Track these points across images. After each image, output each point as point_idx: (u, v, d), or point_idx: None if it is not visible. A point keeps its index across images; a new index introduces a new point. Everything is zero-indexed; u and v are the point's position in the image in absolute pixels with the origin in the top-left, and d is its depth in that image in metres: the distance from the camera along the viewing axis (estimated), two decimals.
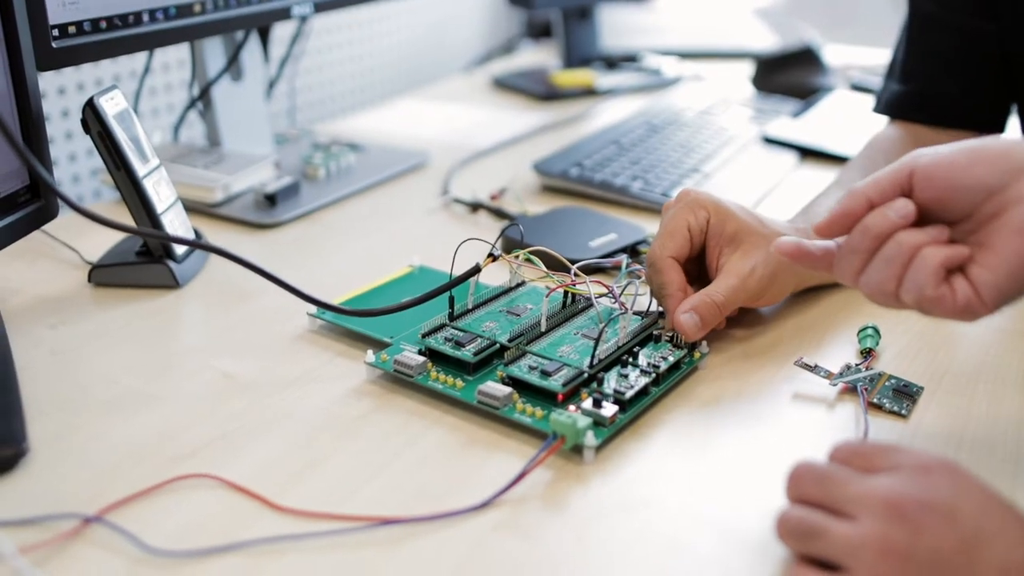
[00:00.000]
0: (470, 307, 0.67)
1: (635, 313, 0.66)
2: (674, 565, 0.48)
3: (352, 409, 0.61)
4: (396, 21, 1.62)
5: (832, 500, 0.46)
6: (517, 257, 0.67)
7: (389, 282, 0.76)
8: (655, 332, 0.65)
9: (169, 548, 0.48)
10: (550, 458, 0.55)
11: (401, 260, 0.80)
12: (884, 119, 0.94)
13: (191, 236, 0.81)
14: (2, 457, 0.53)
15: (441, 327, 0.64)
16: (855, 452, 0.48)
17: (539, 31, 1.81)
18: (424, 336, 0.63)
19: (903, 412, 0.59)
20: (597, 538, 0.50)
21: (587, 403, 0.56)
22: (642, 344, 0.63)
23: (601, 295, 0.66)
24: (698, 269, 0.70)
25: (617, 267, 0.75)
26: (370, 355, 0.63)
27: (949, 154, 0.54)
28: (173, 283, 0.77)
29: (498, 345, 0.62)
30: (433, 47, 1.72)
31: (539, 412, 0.57)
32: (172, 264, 0.77)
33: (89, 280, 0.78)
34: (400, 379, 0.62)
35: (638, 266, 0.71)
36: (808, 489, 0.47)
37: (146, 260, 0.77)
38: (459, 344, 0.62)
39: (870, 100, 0.98)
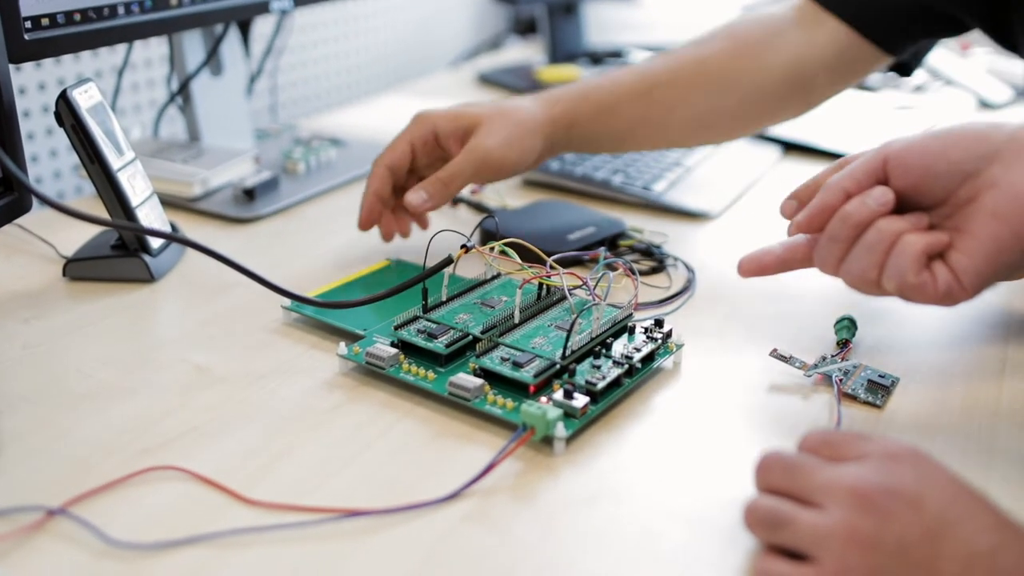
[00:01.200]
0: (444, 299, 0.67)
1: (609, 305, 0.66)
2: (643, 556, 0.48)
3: (324, 402, 0.60)
4: (383, 17, 1.61)
5: (800, 489, 0.46)
6: (492, 249, 0.67)
7: (365, 275, 0.75)
8: (630, 324, 0.64)
9: (134, 540, 0.47)
10: (521, 450, 0.55)
11: (379, 255, 0.80)
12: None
13: (167, 230, 0.80)
14: None
15: (414, 319, 0.64)
16: (824, 441, 0.47)
17: (525, 27, 1.81)
18: (397, 328, 0.63)
19: (877, 403, 0.59)
20: (567, 529, 0.50)
21: (558, 394, 0.56)
22: (616, 336, 0.63)
23: (575, 287, 0.66)
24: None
25: (595, 260, 0.75)
26: (342, 347, 0.63)
27: (923, 140, 0.54)
28: (148, 277, 0.76)
29: (471, 337, 0.62)
30: (419, 43, 1.71)
31: (510, 403, 0.56)
32: (147, 258, 0.76)
33: (64, 274, 0.77)
34: (372, 371, 0.62)
35: (615, 258, 0.71)
36: (776, 479, 0.47)
37: (121, 254, 0.77)
38: (432, 336, 0.61)
39: (852, 94, 0.97)
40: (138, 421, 0.58)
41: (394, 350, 0.61)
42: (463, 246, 0.65)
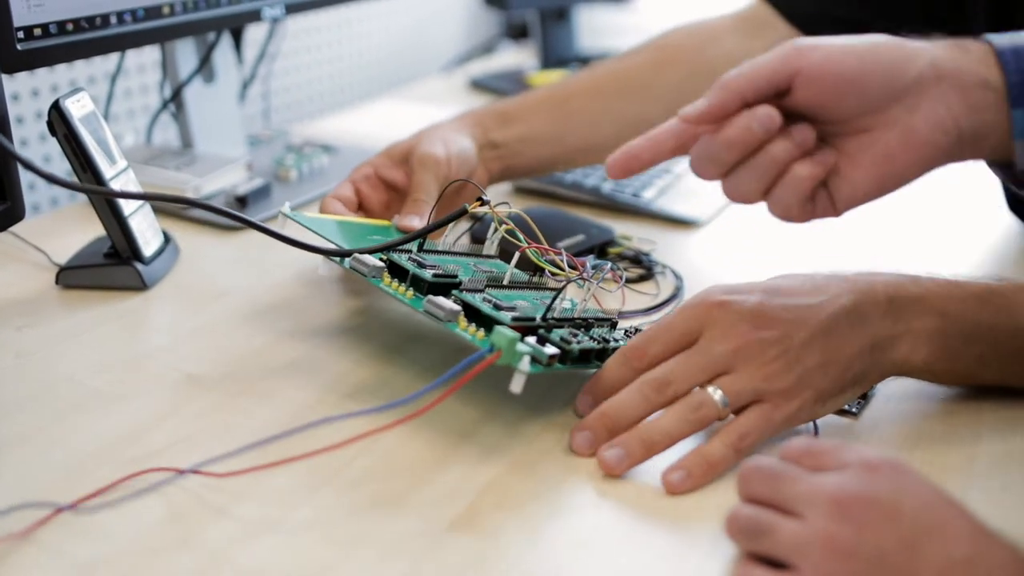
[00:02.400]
0: (441, 248, 0.67)
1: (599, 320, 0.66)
2: (628, 563, 0.49)
3: (314, 413, 0.61)
4: (375, 22, 1.62)
5: (780, 499, 0.46)
6: (502, 224, 0.65)
7: (366, 224, 0.75)
8: (615, 322, 0.65)
9: (124, 547, 0.48)
10: (507, 458, 0.55)
11: None
12: None
13: (160, 239, 0.81)
14: None
15: (407, 251, 0.64)
16: (804, 451, 0.48)
17: (518, 31, 1.81)
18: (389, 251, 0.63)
19: (854, 410, 0.60)
20: (550, 536, 0.50)
21: (532, 339, 0.56)
22: (599, 324, 0.63)
23: (571, 276, 0.64)
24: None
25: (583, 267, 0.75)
26: (323, 266, 0.63)
27: (840, 60, 0.53)
28: (140, 285, 0.77)
29: (458, 280, 0.62)
30: (412, 47, 1.72)
31: (481, 334, 0.56)
32: (139, 266, 0.77)
33: (57, 282, 0.78)
34: (355, 275, 0.62)
35: (604, 261, 0.72)
36: (757, 488, 0.48)
37: (114, 262, 0.77)
38: (421, 264, 0.62)
39: None
40: (130, 430, 0.59)
41: (380, 263, 0.61)
42: (479, 199, 0.64)
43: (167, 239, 0.83)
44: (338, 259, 0.63)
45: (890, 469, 0.46)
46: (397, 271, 0.62)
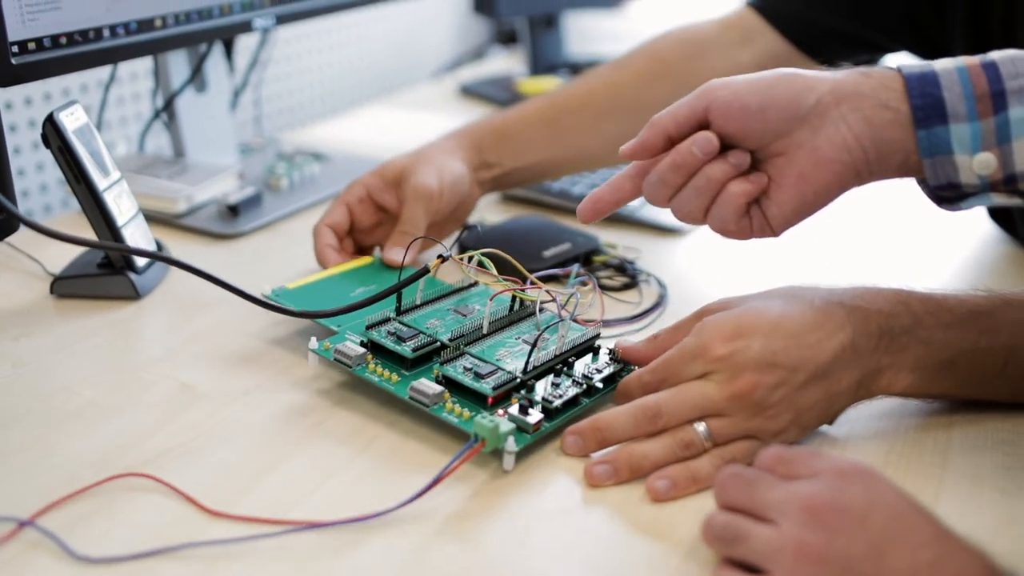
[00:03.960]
0: (419, 303, 0.69)
1: (582, 321, 0.68)
2: (610, 566, 0.50)
3: (305, 418, 0.63)
4: (366, 28, 1.63)
5: (755, 506, 0.48)
6: (470, 259, 0.68)
7: (349, 269, 0.78)
8: (596, 345, 0.66)
9: (107, 554, 0.49)
10: (495, 464, 0.57)
11: None
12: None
13: (152, 248, 0.82)
14: None
15: (386, 320, 0.66)
16: (778, 459, 0.50)
17: (508, 37, 1.83)
18: (368, 328, 0.65)
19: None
20: (536, 541, 0.52)
21: (514, 408, 0.58)
22: (580, 355, 0.65)
23: (546, 302, 0.68)
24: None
25: (568, 276, 0.77)
26: (314, 342, 0.65)
27: (744, 94, 0.58)
28: (134, 294, 0.78)
29: (438, 343, 0.64)
30: (403, 53, 1.73)
31: (467, 413, 0.58)
32: (133, 276, 0.78)
33: (51, 292, 0.79)
34: (349, 384, 0.64)
35: (588, 275, 0.74)
36: (733, 495, 0.49)
37: (107, 272, 0.79)
38: (401, 339, 0.64)
39: None
40: (125, 438, 0.60)
41: (362, 349, 0.63)
42: (440, 256, 0.67)
43: (159, 248, 0.84)
44: (322, 351, 0.64)
45: (861, 477, 0.48)
46: (380, 347, 0.64)
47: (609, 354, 0.66)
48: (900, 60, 0.62)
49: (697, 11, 1.05)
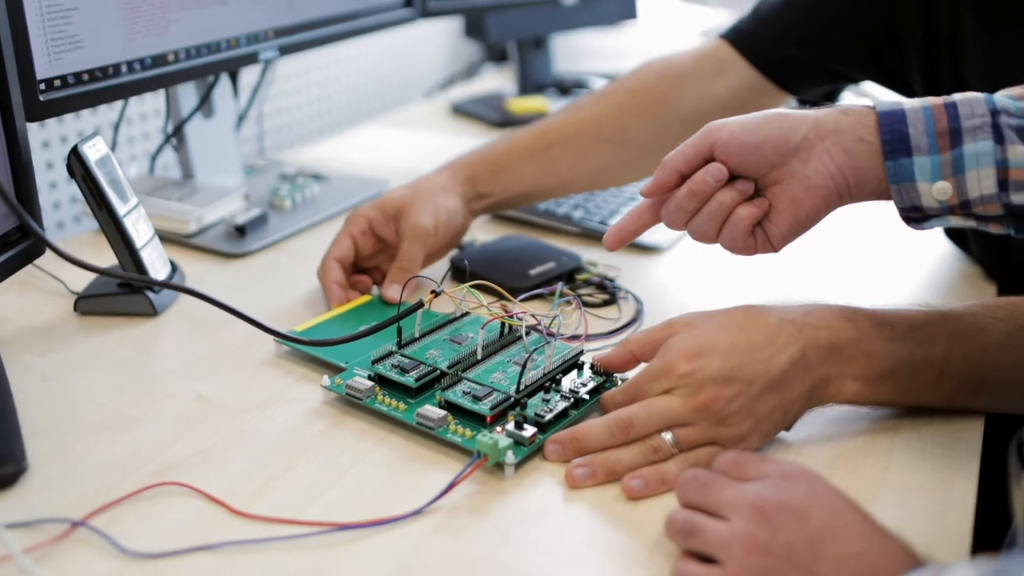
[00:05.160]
0: (417, 335, 0.75)
1: (566, 339, 0.75)
2: (586, 559, 0.57)
3: (312, 428, 0.69)
4: (361, 46, 1.70)
5: (710, 504, 0.55)
6: (461, 290, 0.75)
7: (349, 309, 0.84)
8: (580, 361, 0.73)
9: (149, 550, 0.56)
10: (481, 471, 0.64)
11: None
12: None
13: (167, 268, 0.89)
14: (5, 475, 0.61)
15: (390, 354, 0.73)
16: (732, 463, 0.57)
17: (500, 54, 1.90)
18: (374, 362, 0.72)
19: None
20: (520, 538, 0.59)
21: (511, 425, 0.65)
22: (567, 371, 0.72)
23: (532, 326, 0.75)
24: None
25: (553, 294, 0.84)
26: (326, 379, 0.71)
27: (742, 133, 0.67)
28: (151, 311, 0.85)
29: (438, 372, 0.71)
30: (397, 72, 1.80)
31: (468, 433, 0.65)
32: (150, 294, 0.85)
33: (75, 309, 0.85)
34: (351, 401, 0.71)
35: (571, 295, 0.81)
36: (692, 494, 0.56)
37: (127, 291, 0.85)
38: (404, 370, 0.70)
39: None
40: (149, 446, 0.67)
41: (370, 383, 0.70)
42: (433, 291, 0.74)
43: (174, 268, 0.91)
44: (334, 387, 0.71)
45: (803, 478, 0.54)
46: (385, 378, 0.71)
47: (592, 368, 0.72)
48: (865, 89, 0.69)
49: (685, 27, 1.11)
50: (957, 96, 0.63)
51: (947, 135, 0.62)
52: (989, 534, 0.64)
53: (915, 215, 0.65)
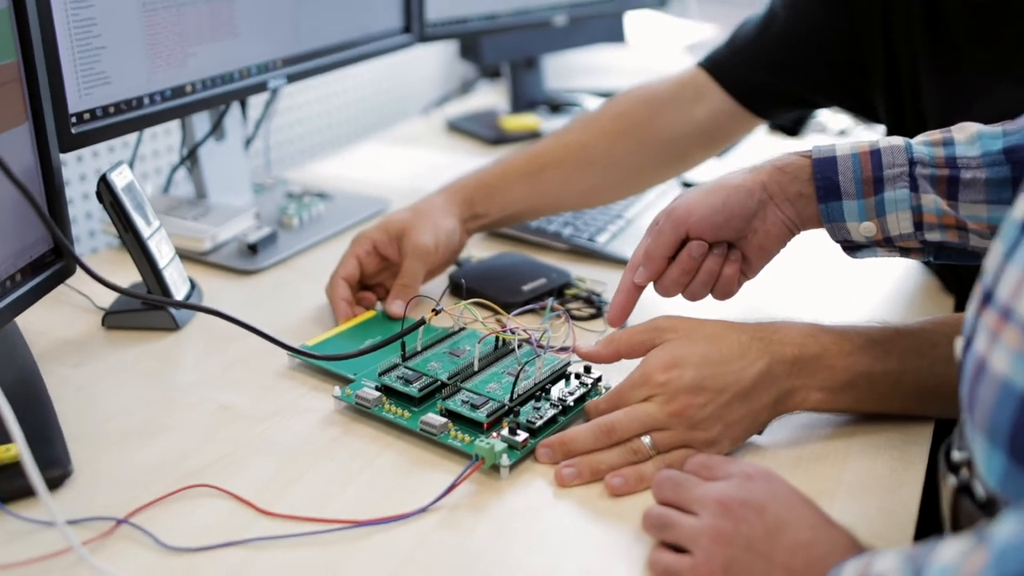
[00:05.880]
0: (419, 349, 0.83)
1: (557, 350, 0.82)
2: (573, 550, 0.64)
3: (325, 435, 0.76)
4: (361, 65, 1.76)
5: (682, 501, 0.62)
6: (459, 307, 0.83)
7: (355, 324, 0.91)
8: (568, 371, 0.81)
9: (186, 544, 0.63)
10: (478, 473, 0.71)
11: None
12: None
13: (187, 286, 0.96)
14: (54, 477, 0.68)
15: (395, 366, 0.80)
16: (702, 464, 0.64)
17: (494, 72, 1.96)
18: (381, 374, 0.79)
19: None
20: (514, 533, 0.66)
21: (505, 431, 0.72)
22: (555, 381, 0.79)
23: (523, 339, 0.82)
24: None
25: (544, 308, 0.91)
26: (337, 390, 0.78)
27: (711, 215, 0.78)
28: (174, 326, 0.92)
29: (439, 382, 0.78)
30: (394, 89, 1.87)
31: (467, 438, 0.72)
32: (172, 310, 0.92)
33: (103, 324, 0.92)
34: (360, 410, 0.78)
35: (561, 310, 0.88)
36: (666, 492, 0.64)
37: (150, 307, 0.92)
38: (408, 381, 0.78)
39: (779, 141, 1.16)
40: (177, 451, 0.74)
41: (378, 393, 0.77)
42: (433, 310, 0.81)
43: (192, 285, 0.98)
44: (345, 397, 0.78)
45: (763, 478, 0.62)
46: (391, 389, 0.78)
47: (577, 378, 0.80)
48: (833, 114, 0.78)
49: (662, 46, 1.17)
50: (882, 143, 0.73)
51: (871, 182, 0.72)
52: (933, 529, 0.72)
53: (848, 246, 0.77)
